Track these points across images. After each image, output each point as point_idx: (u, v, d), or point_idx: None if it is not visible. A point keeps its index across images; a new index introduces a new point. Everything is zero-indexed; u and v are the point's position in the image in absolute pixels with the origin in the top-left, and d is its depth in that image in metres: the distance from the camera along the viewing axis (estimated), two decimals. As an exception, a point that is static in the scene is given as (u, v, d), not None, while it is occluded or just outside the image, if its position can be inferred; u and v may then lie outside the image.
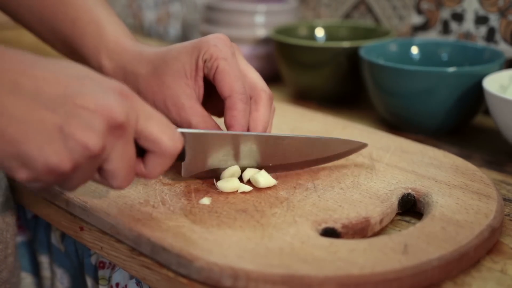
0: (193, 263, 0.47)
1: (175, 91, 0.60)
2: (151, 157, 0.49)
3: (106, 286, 0.66)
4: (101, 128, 0.43)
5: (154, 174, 0.50)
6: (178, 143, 0.49)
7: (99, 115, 0.43)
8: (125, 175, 0.47)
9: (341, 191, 0.58)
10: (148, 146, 0.48)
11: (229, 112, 0.58)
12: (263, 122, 0.60)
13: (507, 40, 0.88)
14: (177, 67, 0.60)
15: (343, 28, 1.03)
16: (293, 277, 0.45)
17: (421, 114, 0.78)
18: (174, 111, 0.60)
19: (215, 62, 0.59)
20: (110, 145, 0.45)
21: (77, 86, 0.44)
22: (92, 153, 0.43)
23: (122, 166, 0.46)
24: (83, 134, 0.43)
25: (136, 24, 1.49)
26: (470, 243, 0.50)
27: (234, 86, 0.58)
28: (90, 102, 0.43)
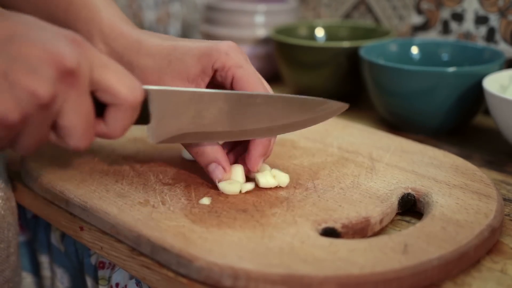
0: (193, 263, 0.47)
1: None
2: (110, 112, 0.45)
3: (106, 286, 0.66)
4: (49, 74, 0.40)
5: (116, 131, 0.46)
6: (138, 92, 0.45)
7: (48, 60, 0.40)
8: (82, 132, 0.43)
9: (341, 191, 0.58)
10: (106, 98, 0.45)
11: None
12: None
13: (507, 40, 0.88)
14: (180, 69, 0.58)
15: (343, 28, 1.03)
16: (293, 277, 0.45)
17: (421, 114, 0.78)
18: None
19: (230, 72, 0.57)
20: (62, 94, 0.42)
21: (25, 31, 0.41)
22: (42, 101, 0.40)
23: (78, 120, 0.43)
24: (30, 80, 0.40)
25: (136, 24, 1.49)
26: (470, 243, 0.50)
27: (258, 90, 0.57)
28: (38, 47, 0.40)
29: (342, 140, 0.70)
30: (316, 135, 0.72)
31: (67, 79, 0.41)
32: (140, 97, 0.45)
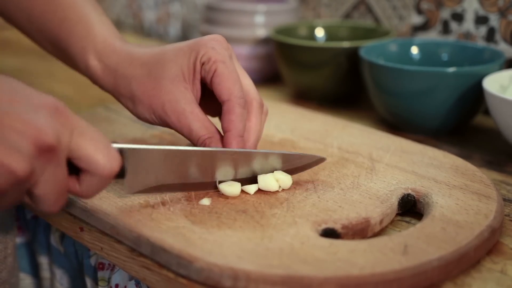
0: (193, 263, 0.47)
1: (174, 96, 0.58)
2: (86, 177, 0.45)
3: (106, 287, 0.66)
4: (28, 151, 0.40)
5: (89, 194, 0.46)
6: (115, 163, 0.45)
7: (27, 136, 0.40)
8: (55, 200, 0.44)
9: (341, 191, 0.58)
10: (83, 166, 0.45)
11: (227, 116, 0.57)
12: (255, 131, 0.60)
13: (507, 40, 0.88)
14: (175, 70, 0.58)
15: (343, 28, 1.03)
16: (293, 278, 0.45)
17: (421, 114, 0.78)
18: (174, 117, 0.58)
19: (213, 65, 0.57)
20: (39, 168, 0.42)
21: (6, 103, 0.40)
22: (19, 178, 0.40)
23: (51, 191, 0.43)
24: (8, 157, 0.39)
25: (136, 24, 1.49)
26: (470, 244, 0.50)
27: (232, 89, 0.57)
28: (18, 122, 0.40)
29: (342, 140, 0.70)
30: (316, 135, 0.72)
31: (45, 155, 0.41)
32: (116, 167, 0.45)
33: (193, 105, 0.58)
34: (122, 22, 1.53)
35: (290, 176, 0.59)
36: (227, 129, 0.57)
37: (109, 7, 1.57)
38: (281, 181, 0.58)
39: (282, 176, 0.58)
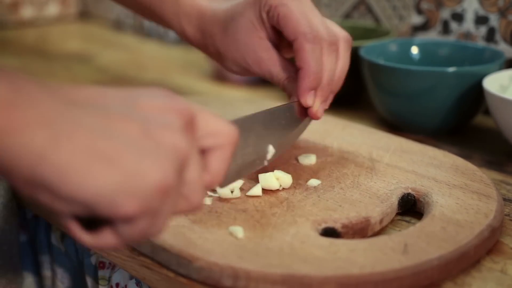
0: (193, 263, 0.47)
1: (251, 46, 0.61)
2: (212, 156, 0.41)
3: (106, 286, 0.66)
4: (179, 124, 0.37)
5: (220, 176, 0.42)
6: (234, 128, 0.42)
7: (171, 112, 0.37)
8: (202, 186, 0.39)
9: (341, 191, 0.58)
10: (209, 142, 0.41)
11: (297, 54, 0.58)
12: (327, 69, 0.60)
13: (507, 40, 0.88)
14: (246, 23, 0.61)
15: (343, 28, 1.03)
16: (293, 277, 0.45)
17: (421, 114, 0.78)
18: (255, 66, 0.61)
19: (276, 11, 0.59)
20: (189, 144, 0.38)
21: (132, 94, 0.38)
22: (184, 155, 0.36)
23: (199, 173, 0.39)
24: (169, 136, 0.36)
25: (136, 24, 1.49)
26: (470, 243, 0.50)
27: (297, 27, 0.58)
28: (155, 103, 0.37)
29: (342, 140, 0.70)
30: (316, 135, 0.72)
31: (190, 127, 0.38)
32: (238, 132, 0.42)
33: (270, 52, 0.61)
34: (122, 22, 1.53)
35: (290, 175, 0.59)
36: (300, 67, 0.59)
37: (109, 7, 1.57)
38: (282, 179, 0.58)
39: (282, 174, 0.59)
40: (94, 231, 0.36)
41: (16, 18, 1.53)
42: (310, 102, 0.59)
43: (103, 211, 0.34)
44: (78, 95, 0.36)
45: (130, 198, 0.34)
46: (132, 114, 0.36)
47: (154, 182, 0.34)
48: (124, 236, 0.35)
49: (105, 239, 0.36)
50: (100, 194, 0.33)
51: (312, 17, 0.59)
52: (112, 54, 1.29)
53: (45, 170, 0.32)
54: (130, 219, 0.34)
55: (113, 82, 1.08)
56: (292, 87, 0.61)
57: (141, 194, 0.34)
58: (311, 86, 0.59)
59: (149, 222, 0.36)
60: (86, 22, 1.62)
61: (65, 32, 1.52)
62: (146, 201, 0.34)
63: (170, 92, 0.39)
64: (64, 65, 1.20)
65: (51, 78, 1.10)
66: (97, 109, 0.35)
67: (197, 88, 1.04)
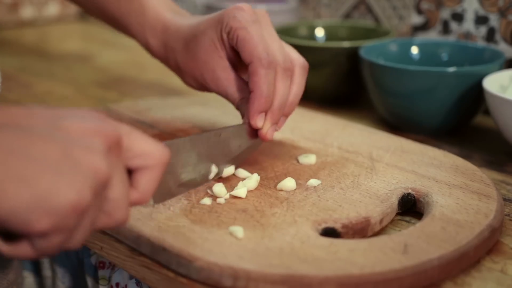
0: (193, 263, 0.47)
1: (210, 65, 0.62)
2: (141, 176, 0.43)
3: (107, 286, 0.66)
4: (101, 147, 0.39)
5: (148, 195, 0.44)
6: (166, 150, 0.44)
7: (96, 135, 0.39)
8: (126, 204, 0.42)
9: (341, 191, 0.58)
10: (137, 163, 0.43)
11: (251, 78, 0.59)
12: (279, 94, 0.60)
13: (507, 40, 0.88)
14: (207, 42, 0.62)
15: (343, 28, 1.03)
16: (293, 277, 0.45)
17: (421, 114, 0.78)
18: (212, 84, 0.62)
19: (235, 33, 0.60)
20: (111, 166, 0.40)
21: (59, 115, 0.39)
22: (104, 176, 0.38)
23: (123, 192, 0.41)
24: (89, 158, 0.37)
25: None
26: (470, 243, 0.50)
27: (253, 52, 0.58)
28: (82, 125, 0.39)
29: (342, 140, 0.70)
30: (316, 135, 0.72)
31: (113, 150, 0.40)
32: (168, 154, 0.44)
33: (228, 72, 0.62)
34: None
35: (293, 180, 0.59)
36: (251, 89, 0.59)
37: (109, 7, 1.57)
38: (284, 186, 0.59)
39: (289, 183, 0.59)
40: (13, 242, 0.37)
41: (16, 18, 1.53)
42: (260, 124, 0.60)
43: (17, 227, 0.35)
44: (4, 116, 0.37)
45: (43, 216, 0.35)
46: (55, 136, 0.37)
47: (68, 202, 0.36)
48: (39, 248, 0.37)
49: (22, 250, 0.37)
50: (12, 213, 0.35)
51: (270, 42, 0.60)
52: (112, 54, 1.29)
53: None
54: (43, 235, 0.36)
55: (113, 82, 1.08)
56: (245, 107, 0.61)
57: (53, 213, 0.35)
58: (260, 109, 0.59)
59: (65, 237, 0.37)
60: (86, 22, 1.62)
61: (65, 32, 1.52)
62: (59, 219, 0.36)
63: (99, 114, 0.41)
64: (64, 65, 1.20)
65: (51, 78, 1.10)
66: (19, 131, 0.36)
67: (197, 88, 1.04)
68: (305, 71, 0.63)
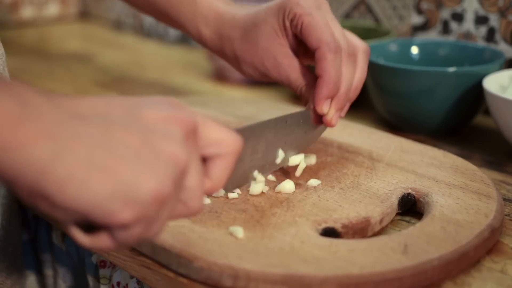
0: (193, 263, 0.47)
1: (271, 52, 0.62)
2: (214, 164, 0.42)
3: (107, 285, 0.66)
4: (180, 135, 0.38)
5: (221, 183, 0.43)
6: (239, 138, 0.43)
7: (174, 122, 0.39)
8: (202, 192, 0.41)
9: (341, 191, 0.58)
10: (211, 151, 0.42)
11: (318, 63, 0.59)
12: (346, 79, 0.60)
13: (507, 40, 0.88)
14: (268, 30, 0.62)
15: (343, 28, 1.03)
16: (293, 277, 0.45)
17: (421, 114, 0.78)
18: (274, 71, 0.62)
19: (300, 19, 0.59)
20: (189, 154, 0.39)
21: (136, 104, 0.39)
22: (183, 165, 0.37)
23: (199, 180, 0.40)
24: (169, 146, 0.37)
25: (136, 24, 1.49)
26: (470, 243, 0.50)
27: (320, 36, 0.58)
28: (159, 113, 0.38)
29: (342, 140, 0.70)
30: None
31: (190, 138, 0.39)
32: (241, 141, 0.43)
33: (290, 58, 0.62)
34: (122, 22, 1.53)
35: (292, 182, 0.59)
36: (319, 75, 0.59)
37: (109, 7, 1.57)
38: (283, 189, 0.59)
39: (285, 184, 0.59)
40: (93, 234, 0.37)
41: (16, 18, 1.53)
42: (326, 110, 0.60)
43: (99, 219, 0.35)
44: (83, 106, 0.37)
45: (125, 207, 0.35)
46: (134, 124, 0.37)
47: (150, 191, 0.35)
48: (120, 240, 0.37)
49: (102, 242, 0.37)
50: (95, 204, 0.34)
51: (334, 27, 0.60)
52: (112, 54, 1.29)
53: (45, 182, 0.34)
54: (125, 226, 0.36)
55: (113, 82, 1.08)
56: (309, 94, 0.62)
57: (136, 203, 0.35)
58: (328, 95, 0.59)
59: (145, 228, 0.37)
60: (86, 22, 1.62)
61: (65, 32, 1.52)
62: (141, 209, 0.35)
63: (174, 101, 0.40)
64: (64, 65, 1.20)
65: (51, 78, 1.10)
66: (100, 120, 0.36)
67: (197, 88, 1.04)
68: (368, 55, 0.63)
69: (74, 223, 0.37)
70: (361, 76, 0.62)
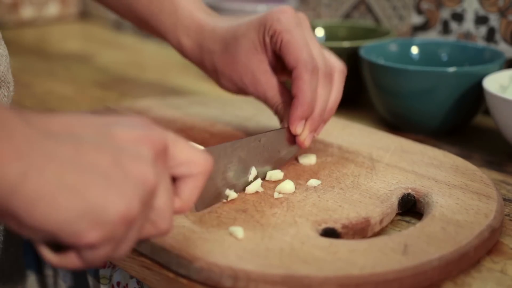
0: (193, 263, 0.47)
1: (249, 68, 0.62)
2: (184, 184, 0.43)
3: (107, 285, 0.66)
4: (149, 155, 0.38)
5: (190, 203, 0.43)
6: (210, 158, 0.43)
7: (144, 142, 0.39)
8: (171, 212, 0.41)
9: (341, 191, 0.58)
10: (182, 171, 0.42)
11: (294, 83, 0.59)
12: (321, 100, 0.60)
13: (507, 40, 0.88)
14: (248, 45, 0.61)
15: (343, 28, 1.03)
16: (293, 278, 0.45)
17: (421, 114, 0.78)
18: (251, 87, 0.62)
19: (279, 36, 0.59)
20: (159, 175, 0.39)
21: (108, 123, 0.39)
22: (152, 185, 0.38)
23: (169, 200, 0.40)
24: (138, 166, 0.37)
25: (136, 24, 1.49)
26: (470, 243, 0.50)
27: (298, 56, 0.58)
28: (129, 133, 0.39)
29: (342, 140, 0.70)
30: (316, 135, 0.72)
31: (160, 158, 0.40)
32: (212, 161, 0.44)
33: (268, 75, 0.62)
34: (122, 22, 1.52)
35: (292, 182, 0.59)
36: (295, 95, 0.59)
37: (109, 7, 1.57)
38: (283, 189, 0.58)
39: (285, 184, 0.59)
40: (61, 253, 0.37)
41: (16, 18, 1.53)
42: (299, 130, 0.60)
43: (67, 239, 0.35)
44: (55, 124, 0.37)
45: (92, 227, 0.35)
46: (104, 144, 0.37)
47: (118, 212, 0.36)
48: (87, 259, 0.37)
49: (70, 261, 0.37)
50: (63, 224, 0.35)
51: (312, 46, 0.60)
52: (112, 54, 1.29)
53: (14, 202, 0.34)
54: (92, 246, 0.36)
55: (113, 82, 1.08)
56: (284, 112, 0.61)
57: (103, 223, 0.35)
58: (302, 116, 0.59)
59: (112, 248, 0.37)
60: (86, 22, 1.62)
61: (65, 32, 1.52)
62: (109, 230, 0.36)
63: (146, 121, 0.41)
64: (64, 65, 1.20)
65: (51, 78, 1.10)
66: (71, 139, 0.36)
67: (197, 88, 1.04)
68: (344, 76, 0.63)
69: (43, 242, 0.37)
70: (336, 97, 0.62)
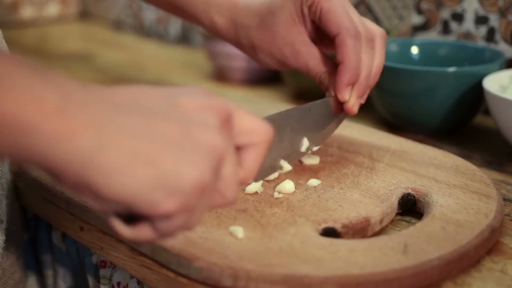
0: (193, 263, 0.47)
1: (289, 40, 0.61)
2: (247, 153, 0.42)
3: (108, 285, 0.66)
4: (216, 123, 0.38)
5: (253, 173, 0.42)
6: (270, 127, 0.43)
7: (209, 111, 0.38)
8: (237, 182, 0.40)
9: (341, 191, 0.58)
10: (244, 140, 0.41)
11: (339, 49, 0.58)
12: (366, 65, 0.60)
13: (507, 40, 0.88)
14: (285, 17, 0.61)
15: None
16: (293, 277, 0.45)
17: (421, 114, 0.78)
18: (292, 58, 0.61)
19: (318, 5, 0.59)
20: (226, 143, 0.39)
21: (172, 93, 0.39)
22: (221, 153, 0.37)
23: (235, 169, 0.39)
24: (207, 135, 0.37)
25: (136, 24, 1.49)
26: (470, 243, 0.50)
27: (340, 22, 0.58)
28: (194, 102, 0.38)
29: (342, 140, 0.70)
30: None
31: (225, 126, 0.39)
32: (273, 131, 0.43)
33: (308, 46, 0.61)
34: (122, 22, 1.53)
35: (292, 182, 0.59)
36: (340, 61, 0.59)
37: (109, 7, 1.57)
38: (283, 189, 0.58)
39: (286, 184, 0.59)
40: (134, 225, 0.37)
41: (16, 18, 1.53)
42: (347, 97, 0.60)
43: (143, 210, 0.35)
44: (123, 97, 0.37)
45: (169, 196, 0.35)
46: (173, 114, 0.37)
47: (192, 181, 0.36)
48: (161, 231, 0.37)
49: (144, 233, 0.37)
50: (139, 194, 0.35)
51: (352, 13, 0.60)
52: (112, 54, 1.29)
53: (90, 173, 0.34)
54: (168, 216, 0.36)
55: (113, 82, 1.08)
56: (328, 81, 0.61)
57: (179, 193, 0.35)
58: (349, 81, 0.59)
59: (186, 218, 0.37)
60: (86, 22, 1.62)
61: (65, 32, 1.53)
62: (184, 199, 0.36)
63: (208, 90, 0.40)
64: (64, 65, 1.20)
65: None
66: (140, 111, 0.36)
67: (197, 88, 1.04)
68: (385, 41, 0.62)
69: (115, 214, 0.37)
70: (379, 62, 0.62)
